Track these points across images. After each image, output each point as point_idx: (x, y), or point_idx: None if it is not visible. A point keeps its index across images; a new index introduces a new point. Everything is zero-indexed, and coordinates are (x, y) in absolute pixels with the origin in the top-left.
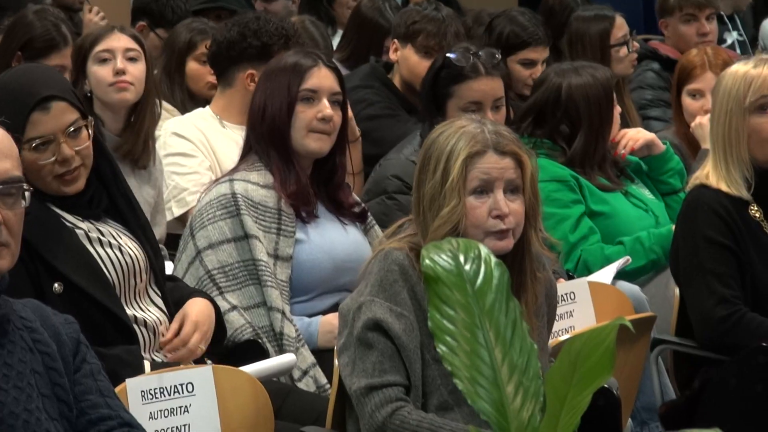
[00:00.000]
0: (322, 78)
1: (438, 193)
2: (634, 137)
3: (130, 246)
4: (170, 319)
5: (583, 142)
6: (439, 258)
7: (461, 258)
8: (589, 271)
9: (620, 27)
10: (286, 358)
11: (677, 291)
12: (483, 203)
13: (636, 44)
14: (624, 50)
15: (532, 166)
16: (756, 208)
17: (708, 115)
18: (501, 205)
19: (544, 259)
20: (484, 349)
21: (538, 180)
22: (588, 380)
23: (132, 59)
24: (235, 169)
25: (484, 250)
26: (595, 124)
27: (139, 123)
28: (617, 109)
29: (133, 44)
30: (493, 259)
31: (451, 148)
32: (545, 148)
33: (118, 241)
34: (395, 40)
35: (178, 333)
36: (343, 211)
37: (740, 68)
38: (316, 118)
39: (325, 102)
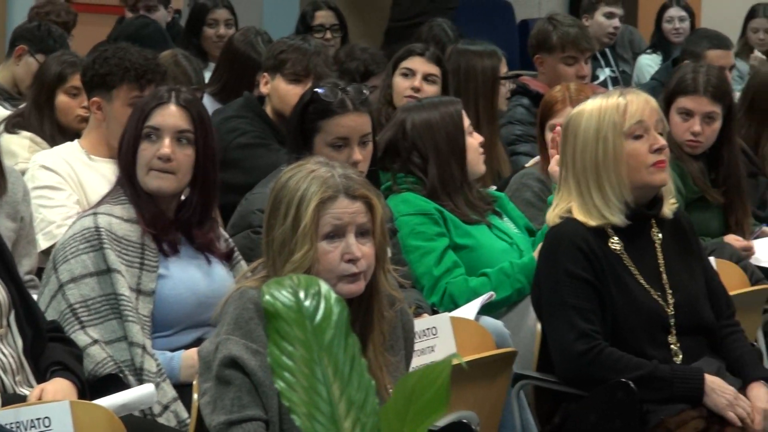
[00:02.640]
0: (166, 116)
1: (289, 239)
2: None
3: None
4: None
5: (436, 170)
6: (279, 294)
7: (301, 294)
8: (455, 305)
9: (504, 63)
10: (146, 389)
11: (539, 326)
12: (335, 248)
13: (512, 83)
14: (507, 86)
15: (381, 208)
16: (616, 240)
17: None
18: (353, 249)
19: (393, 297)
20: (322, 385)
21: (386, 221)
22: (422, 417)
23: None
24: (100, 203)
25: (324, 287)
26: (443, 152)
27: None
28: (476, 138)
29: None
30: (333, 296)
31: (303, 194)
32: (409, 183)
33: None
34: (265, 74)
35: None
36: (207, 246)
37: (605, 99)
38: (156, 156)
39: (166, 140)
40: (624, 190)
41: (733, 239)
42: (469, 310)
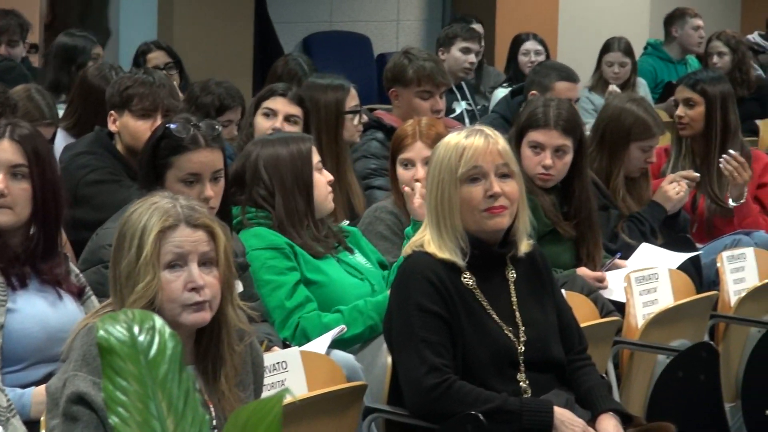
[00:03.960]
0: None
1: (133, 270)
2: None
3: None
4: None
5: (282, 204)
6: (113, 329)
7: (136, 329)
8: (307, 339)
9: (353, 97)
10: None
11: (389, 359)
12: (178, 277)
13: (365, 117)
14: (356, 119)
15: (225, 239)
16: (469, 276)
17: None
18: (196, 277)
19: (243, 331)
20: (156, 420)
21: (238, 254)
22: None
23: None
24: None
25: (159, 322)
26: (288, 185)
27: None
28: (325, 176)
29: None
30: (168, 331)
31: (144, 224)
32: (260, 218)
33: None
34: (112, 112)
35: None
36: (57, 281)
37: (452, 139)
38: None
39: (0, 176)
40: (458, 233)
41: (585, 271)
42: (320, 344)
